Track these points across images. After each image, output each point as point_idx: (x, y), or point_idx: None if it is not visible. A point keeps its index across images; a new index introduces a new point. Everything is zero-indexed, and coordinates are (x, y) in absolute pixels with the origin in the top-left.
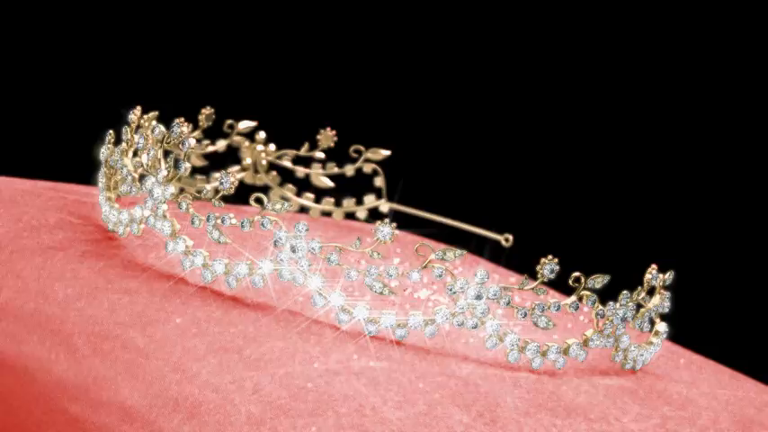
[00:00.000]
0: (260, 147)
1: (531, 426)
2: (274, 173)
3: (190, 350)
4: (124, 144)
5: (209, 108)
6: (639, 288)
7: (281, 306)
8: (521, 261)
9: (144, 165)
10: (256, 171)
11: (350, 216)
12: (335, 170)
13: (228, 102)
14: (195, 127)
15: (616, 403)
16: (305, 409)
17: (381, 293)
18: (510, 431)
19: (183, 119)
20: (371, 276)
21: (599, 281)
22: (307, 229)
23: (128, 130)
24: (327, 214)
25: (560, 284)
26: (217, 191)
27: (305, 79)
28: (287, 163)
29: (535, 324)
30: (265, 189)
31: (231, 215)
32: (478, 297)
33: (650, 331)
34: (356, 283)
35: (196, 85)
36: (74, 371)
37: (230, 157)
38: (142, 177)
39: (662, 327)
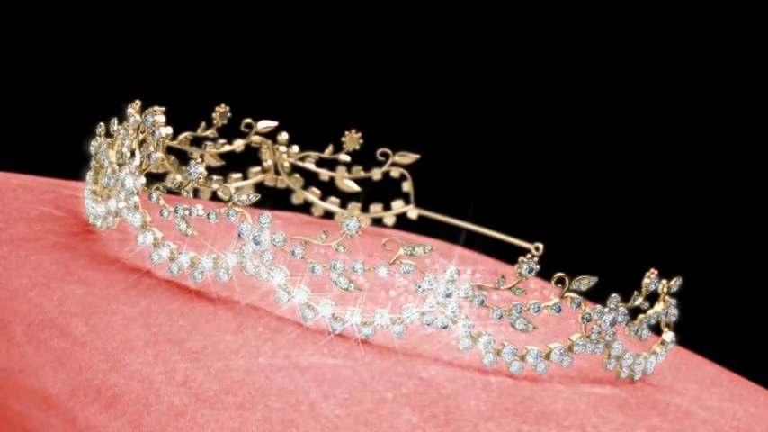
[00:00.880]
0: (282, 148)
1: (491, 429)
2: (297, 175)
3: (129, 341)
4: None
5: (223, 106)
6: (636, 293)
7: (246, 300)
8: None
9: (122, 155)
10: (277, 173)
11: (377, 222)
12: (362, 174)
13: (248, 101)
14: (209, 125)
15: (598, 412)
16: (233, 402)
17: (347, 290)
18: None
19: (157, 107)
20: (336, 271)
21: (585, 282)
22: (270, 221)
23: (115, 122)
24: None
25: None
26: (186, 181)
27: (329, 79)
28: (310, 165)
29: (513, 326)
30: (288, 192)
31: (199, 206)
32: (448, 295)
33: (649, 339)
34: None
35: (215, 83)
36: (4, 358)
37: (250, 158)
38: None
39: (668, 336)
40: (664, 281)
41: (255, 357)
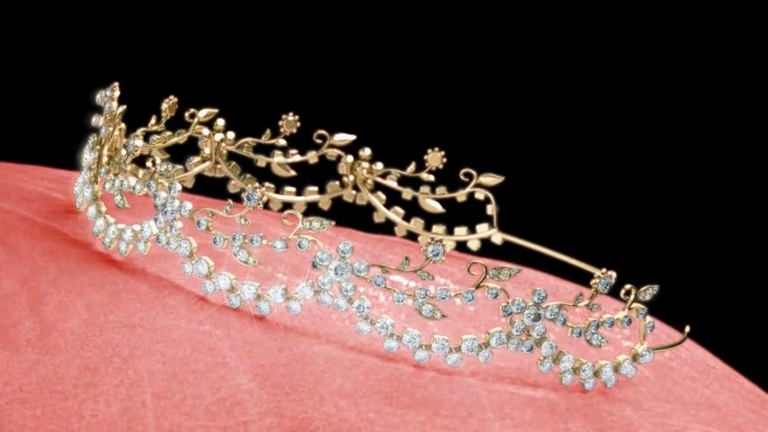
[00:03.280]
0: (364, 164)
1: (339, 405)
2: (380, 193)
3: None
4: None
5: (291, 114)
6: (580, 294)
7: (154, 272)
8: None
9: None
10: (357, 189)
11: (461, 246)
12: (446, 194)
13: (330, 115)
14: (275, 134)
15: (502, 409)
16: (39, 347)
17: (246, 263)
18: (305, 404)
19: (117, 83)
20: (236, 243)
21: (505, 272)
22: (179, 191)
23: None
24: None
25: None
26: (126, 155)
27: (413, 96)
28: (392, 183)
29: (418, 312)
30: (369, 208)
31: (132, 180)
32: (339, 273)
33: (603, 346)
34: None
35: (297, 95)
36: None
37: (329, 171)
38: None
39: (641, 348)
40: (628, 286)
41: (106, 315)
